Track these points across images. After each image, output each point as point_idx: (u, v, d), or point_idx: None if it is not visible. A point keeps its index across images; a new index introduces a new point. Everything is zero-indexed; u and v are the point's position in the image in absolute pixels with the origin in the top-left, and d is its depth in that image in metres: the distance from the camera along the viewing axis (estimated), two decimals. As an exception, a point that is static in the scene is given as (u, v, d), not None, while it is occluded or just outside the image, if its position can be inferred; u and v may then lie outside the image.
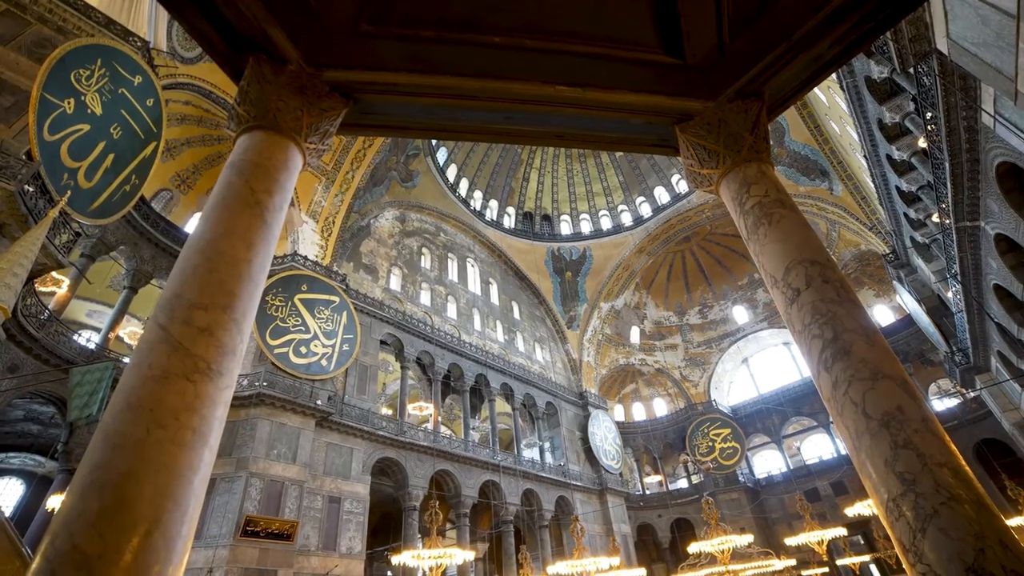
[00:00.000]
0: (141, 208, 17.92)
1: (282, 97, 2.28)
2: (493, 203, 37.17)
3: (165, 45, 15.07)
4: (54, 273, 14.60)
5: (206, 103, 18.54)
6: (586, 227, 38.94)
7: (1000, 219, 11.95)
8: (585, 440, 31.55)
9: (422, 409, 25.23)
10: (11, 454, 22.56)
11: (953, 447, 1.70)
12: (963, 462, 1.69)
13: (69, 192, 11.64)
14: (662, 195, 37.03)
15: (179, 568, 1.42)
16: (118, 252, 17.69)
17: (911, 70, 11.34)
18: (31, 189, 10.80)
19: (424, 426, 24.68)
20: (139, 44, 13.86)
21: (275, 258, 21.31)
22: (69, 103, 11.77)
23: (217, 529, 14.85)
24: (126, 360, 15.98)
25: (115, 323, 17.29)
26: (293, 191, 2.33)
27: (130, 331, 17.86)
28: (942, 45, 8.95)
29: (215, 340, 1.71)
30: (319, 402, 18.79)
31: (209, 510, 15.18)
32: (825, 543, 14.83)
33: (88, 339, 16.53)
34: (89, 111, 12.33)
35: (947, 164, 11.83)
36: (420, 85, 2.43)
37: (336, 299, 21.17)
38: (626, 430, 36.90)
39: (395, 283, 27.86)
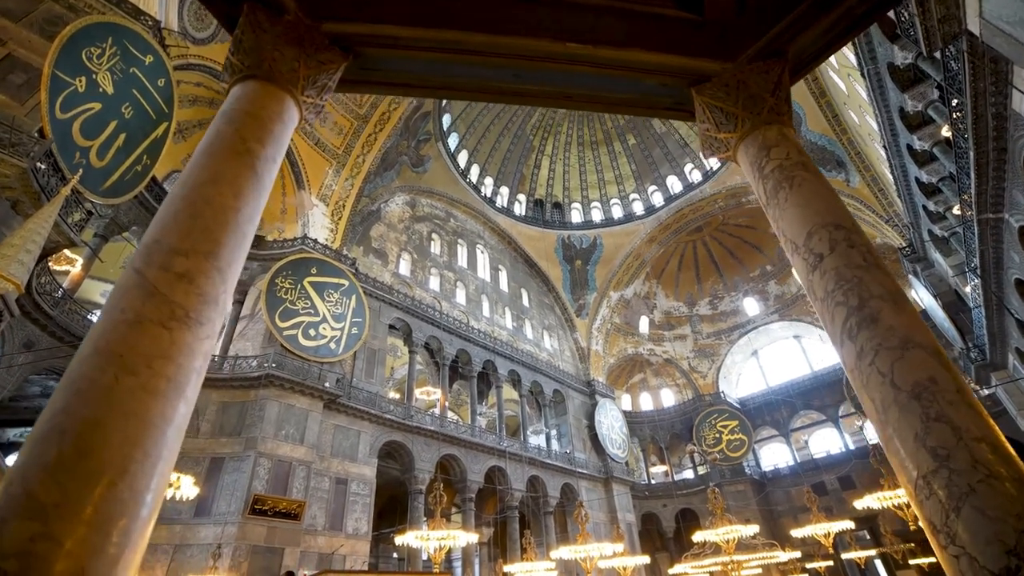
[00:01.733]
0: (153, 189, 17.96)
1: (278, 47, 2.17)
2: (504, 190, 36.92)
3: (176, 25, 15.00)
4: (67, 252, 14.73)
5: (217, 85, 18.47)
6: (597, 215, 38.59)
7: (1026, 210, 11.58)
8: (592, 428, 31.54)
9: (429, 394, 25.33)
10: (29, 428, 23.03)
11: (991, 421, 1.56)
12: (1002, 437, 1.56)
13: (81, 170, 11.67)
14: (675, 184, 36.54)
15: (148, 523, 1.33)
16: (131, 233, 17.80)
17: (938, 54, 10.95)
18: (43, 167, 10.82)
19: (431, 411, 24.77)
20: (150, 23, 13.78)
21: (285, 241, 21.36)
22: (80, 81, 11.74)
23: (226, 507, 15.05)
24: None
25: (127, 302, 17.44)
26: (288, 144, 2.22)
27: (142, 310, 18.03)
28: (973, 25, 8.60)
29: (195, 288, 1.62)
30: (327, 384, 18.90)
31: (218, 488, 15.40)
32: (831, 536, 14.72)
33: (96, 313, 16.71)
34: (100, 90, 12.31)
35: (972, 153, 11.45)
36: (423, 39, 2.30)
37: (345, 283, 21.21)
38: (633, 420, 36.85)
39: (404, 268, 27.84)
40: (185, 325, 1.57)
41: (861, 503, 12.18)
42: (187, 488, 9.86)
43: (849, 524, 14.40)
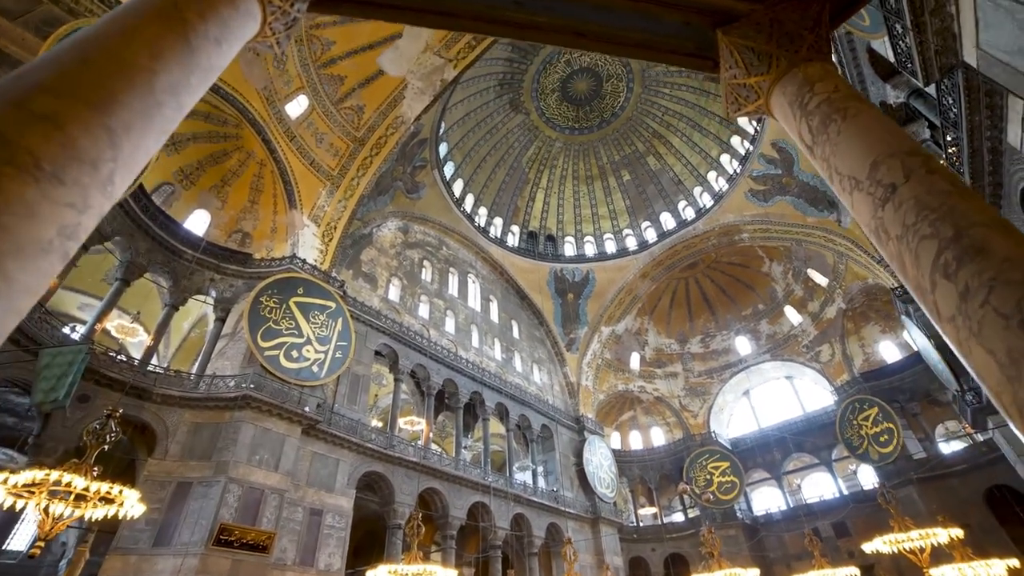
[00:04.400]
0: (141, 200, 17.60)
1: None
2: (498, 220, 36.95)
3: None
4: (42, 258, 14.18)
5: (214, 98, 18.42)
6: (590, 249, 38.60)
7: None
8: (580, 466, 30.55)
9: (413, 424, 24.44)
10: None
11: None
12: None
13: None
14: (668, 221, 36.78)
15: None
16: (113, 243, 17.29)
17: (931, 89, 11.09)
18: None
19: (415, 442, 23.82)
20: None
21: (273, 260, 20.91)
22: (71, 81, 11.54)
23: (188, 535, 14.01)
24: (98, 344, 15.43)
25: (103, 315, 16.75)
26: (237, 50, 1.86)
27: (118, 324, 17.31)
28: (970, 56, 8.66)
29: (63, 136, 1.23)
30: (307, 409, 18.09)
31: (182, 515, 14.39)
32: (832, 584, 13.95)
33: (73, 328, 15.98)
34: (91, 92, 12.11)
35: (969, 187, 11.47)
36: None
37: (332, 305, 20.67)
38: (622, 459, 35.84)
39: (394, 293, 27.38)
40: (31, 176, 1.17)
41: (870, 546, 11.55)
42: (132, 507, 9.00)
43: (854, 571, 13.68)
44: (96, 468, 8.18)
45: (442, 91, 24.25)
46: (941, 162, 11.09)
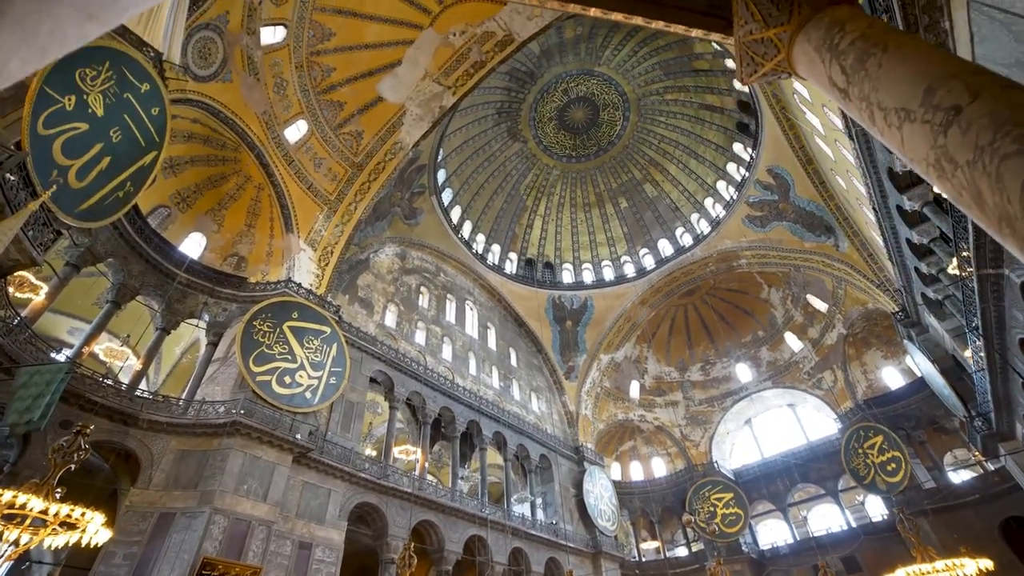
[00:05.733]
0: (136, 222, 17.45)
1: None
2: (496, 247, 36.94)
3: (179, 59, 15.10)
4: (32, 279, 13.90)
5: (214, 122, 18.50)
6: (588, 276, 38.50)
7: (1027, 265, 11.38)
8: (580, 497, 29.64)
9: (408, 453, 23.74)
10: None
11: None
12: None
13: (55, 187, 11.16)
14: (666, 248, 36.82)
15: None
16: (106, 264, 17.04)
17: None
18: (13, 178, 10.27)
19: (411, 473, 23.08)
20: (152, 54, 13.82)
21: (268, 284, 20.66)
22: (69, 100, 11.52)
23: (169, 571, 13.27)
24: (84, 367, 14.97)
25: (92, 337, 16.37)
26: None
27: (106, 347, 16.90)
28: (968, 72, 8.69)
29: None
30: (299, 436, 17.53)
31: (163, 548, 13.68)
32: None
33: (60, 351, 15.57)
34: (90, 111, 12.08)
35: (969, 205, 11.39)
36: None
37: (327, 330, 20.32)
38: (623, 490, 34.85)
39: (390, 319, 27.05)
40: None
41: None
42: (97, 532, 8.31)
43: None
44: (59, 489, 7.54)
45: (441, 117, 24.54)
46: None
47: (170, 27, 14.69)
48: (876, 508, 29.25)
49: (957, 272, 14.76)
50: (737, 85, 27.87)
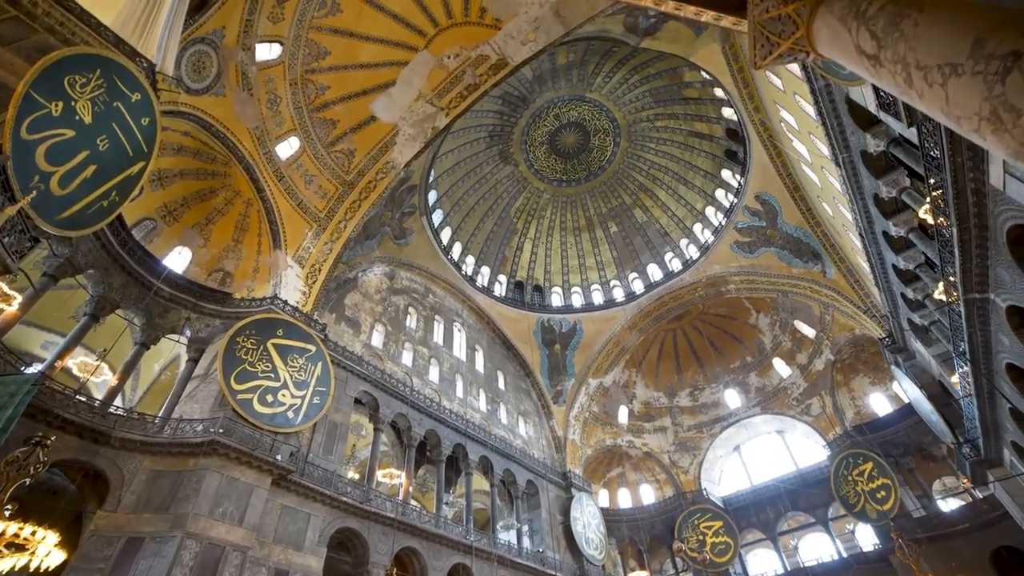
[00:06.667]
0: (120, 233, 17.07)
1: None
2: (485, 269, 36.85)
3: (172, 71, 15.04)
4: (6, 288, 13.42)
5: (205, 135, 18.37)
6: (577, 300, 38.45)
7: (1013, 289, 11.48)
8: (567, 525, 28.92)
9: (392, 477, 23.03)
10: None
11: None
12: None
13: (35, 193, 10.86)
14: (655, 272, 37.00)
15: None
16: (86, 276, 16.57)
17: (912, 135, 11.37)
18: (-8, 182, 9.97)
19: (395, 498, 22.36)
20: (145, 65, 13.74)
21: (253, 300, 20.26)
22: (56, 106, 11.33)
23: (134, 599, 12.54)
24: (54, 381, 14.37)
25: (66, 351, 15.78)
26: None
27: (80, 361, 16.30)
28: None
29: None
30: (279, 457, 16.93)
31: None
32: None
33: (31, 364, 14.97)
34: (77, 118, 11.88)
35: (955, 229, 11.54)
36: None
37: (312, 348, 19.88)
38: (611, 517, 34.12)
39: (377, 340, 26.62)
40: None
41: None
42: (49, 554, 7.60)
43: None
44: (9, 506, 6.82)
45: (433, 138, 24.67)
46: (926, 205, 11.07)
47: (165, 39, 14.67)
48: (867, 538, 28.89)
49: (943, 297, 14.88)
50: (725, 113, 28.51)
